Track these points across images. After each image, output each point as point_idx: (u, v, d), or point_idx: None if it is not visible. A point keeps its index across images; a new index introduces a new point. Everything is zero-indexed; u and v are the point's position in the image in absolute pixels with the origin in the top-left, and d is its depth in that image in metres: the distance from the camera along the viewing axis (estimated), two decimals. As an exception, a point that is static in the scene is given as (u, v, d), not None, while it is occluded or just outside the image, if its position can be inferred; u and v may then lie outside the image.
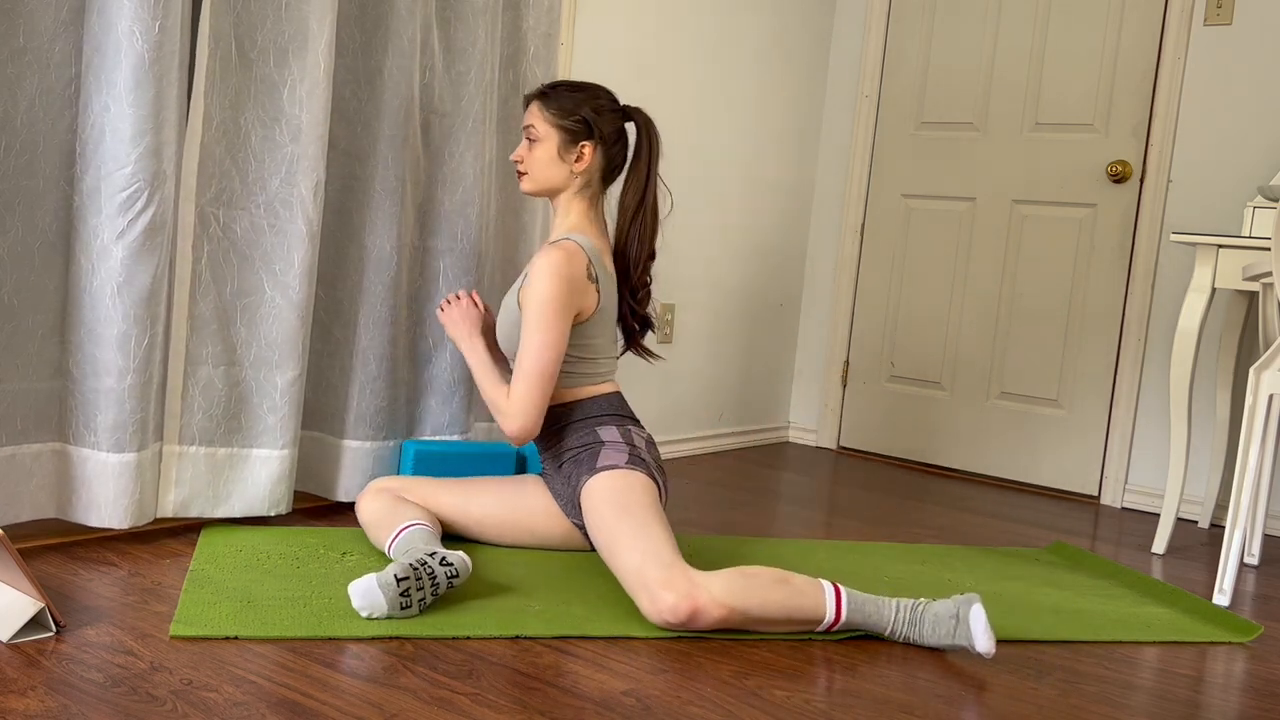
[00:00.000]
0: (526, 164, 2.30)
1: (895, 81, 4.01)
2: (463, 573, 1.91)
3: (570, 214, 2.31)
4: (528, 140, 2.29)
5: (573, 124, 2.26)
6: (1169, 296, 3.44)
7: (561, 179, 2.29)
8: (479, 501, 2.29)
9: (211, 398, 2.26)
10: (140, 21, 1.98)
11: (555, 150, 2.27)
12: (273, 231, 2.28)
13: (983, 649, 1.82)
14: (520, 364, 2.17)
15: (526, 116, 2.31)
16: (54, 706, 1.42)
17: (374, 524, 2.18)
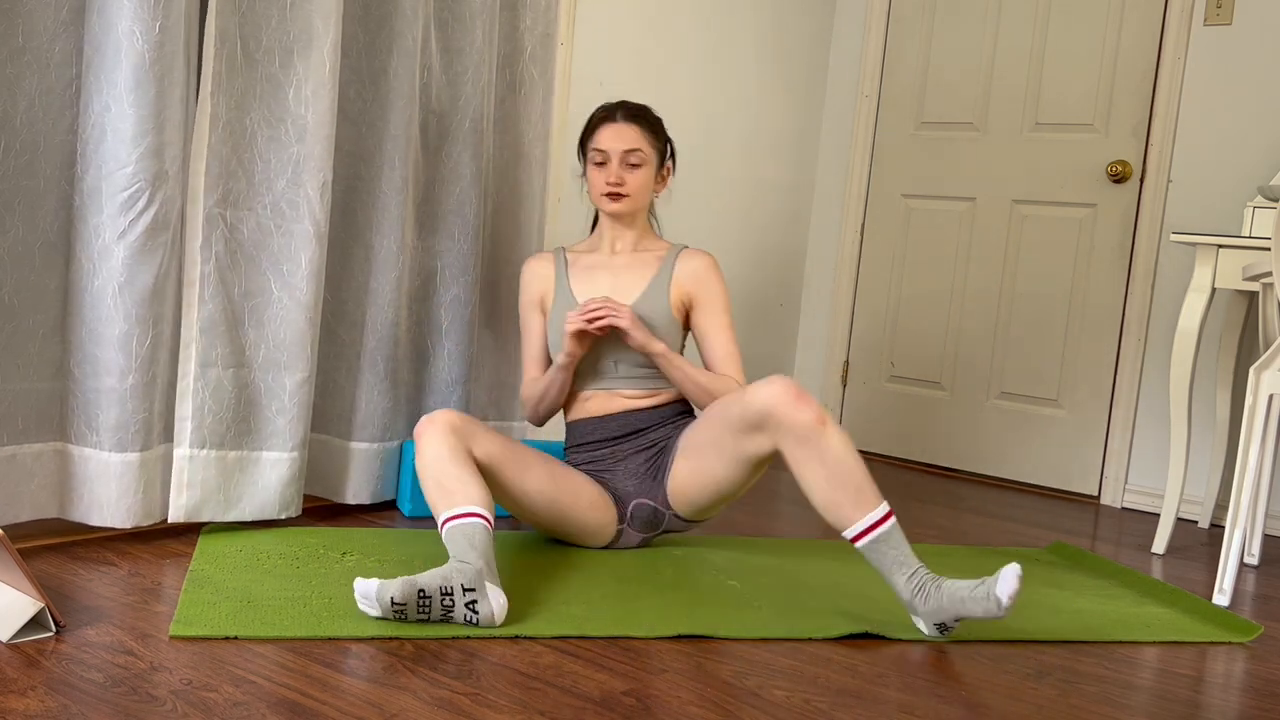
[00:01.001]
0: (629, 187, 2.37)
1: (895, 81, 4.01)
2: (485, 621, 1.80)
3: (646, 227, 2.50)
4: (628, 165, 2.36)
5: (664, 146, 2.45)
6: (1169, 296, 3.44)
7: (648, 200, 2.47)
8: (534, 475, 2.22)
9: (221, 400, 2.25)
10: (141, 21, 1.98)
11: (653, 173, 2.43)
12: (280, 232, 2.28)
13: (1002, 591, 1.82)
14: (735, 352, 2.40)
15: (623, 139, 2.36)
16: (54, 706, 1.42)
17: (434, 475, 2.02)
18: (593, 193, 2.43)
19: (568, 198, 3.19)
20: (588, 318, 2.25)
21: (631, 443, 2.36)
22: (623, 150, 2.36)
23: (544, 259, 2.51)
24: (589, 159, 2.42)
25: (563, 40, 3.03)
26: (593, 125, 2.43)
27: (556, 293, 2.44)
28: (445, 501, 1.98)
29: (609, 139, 2.37)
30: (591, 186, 2.42)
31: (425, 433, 2.08)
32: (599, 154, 2.38)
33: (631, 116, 2.39)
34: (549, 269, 2.48)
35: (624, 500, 2.34)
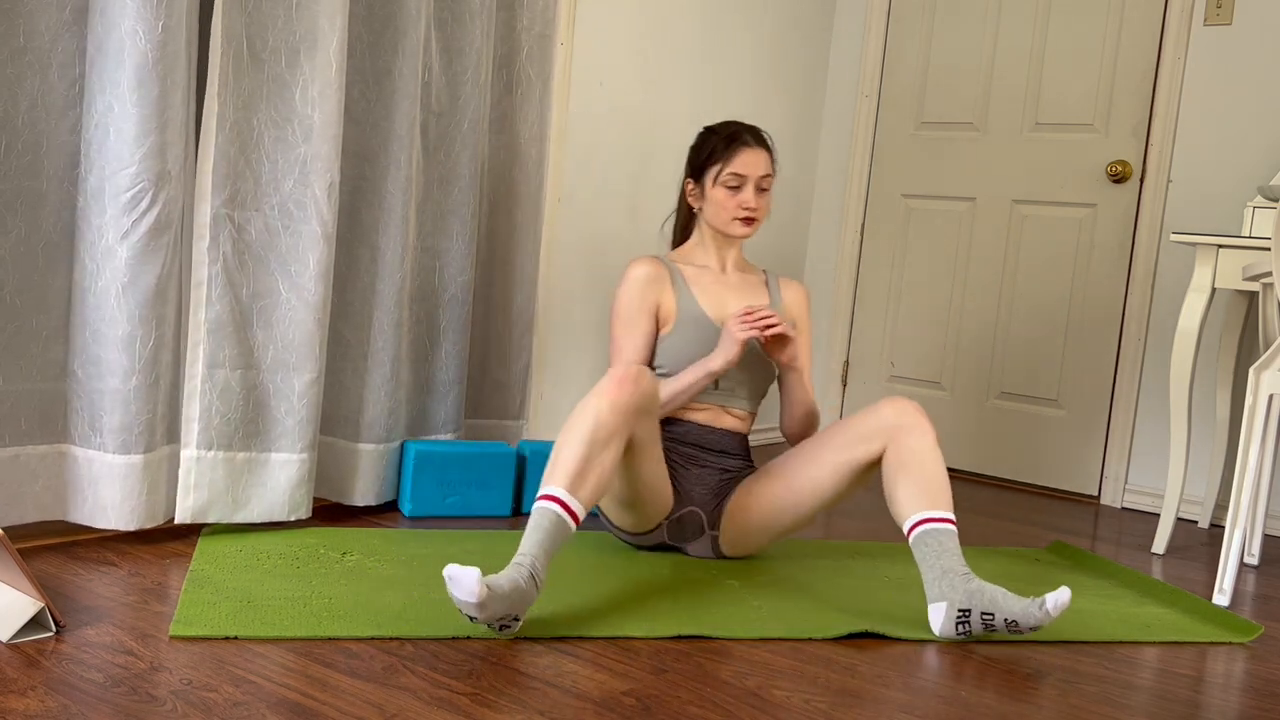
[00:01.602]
0: (761, 211, 2.40)
1: (895, 81, 4.01)
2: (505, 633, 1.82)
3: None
4: (761, 190, 2.39)
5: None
6: (1169, 296, 3.44)
7: None
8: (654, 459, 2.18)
9: (229, 401, 2.24)
10: (143, 21, 1.98)
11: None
12: (287, 233, 2.28)
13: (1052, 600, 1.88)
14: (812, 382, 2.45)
15: (758, 165, 2.37)
16: (54, 706, 1.42)
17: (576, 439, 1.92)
18: (720, 214, 2.38)
19: (568, 198, 3.19)
20: (762, 325, 2.22)
21: (719, 461, 2.36)
22: (759, 175, 2.37)
23: (657, 264, 2.40)
24: (720, 181, 2.36)
25: (562, 40, 3.03)
26: (727, 147, 2.37)
27: (680, 304, 2.37)
28: (560, 472, 1.90)
29: (748, 164, 2.36)
30: (720, 209, 2.38)
31: (612, 392, 1.96)
32: (736, 178, 2.36)
33: (761, 141, 2.40)
34: (665, 277, 2.40)
35: (682, 500, 2.34)
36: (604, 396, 1.96)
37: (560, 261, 3.19)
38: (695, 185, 2.43)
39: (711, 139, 2.41)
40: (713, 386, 2.35)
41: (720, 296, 2.42)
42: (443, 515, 2.59)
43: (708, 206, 2.41)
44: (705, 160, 2.40)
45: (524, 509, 2.72)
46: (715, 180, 2.38)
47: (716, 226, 2.41)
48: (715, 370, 2.25)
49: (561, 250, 3.19)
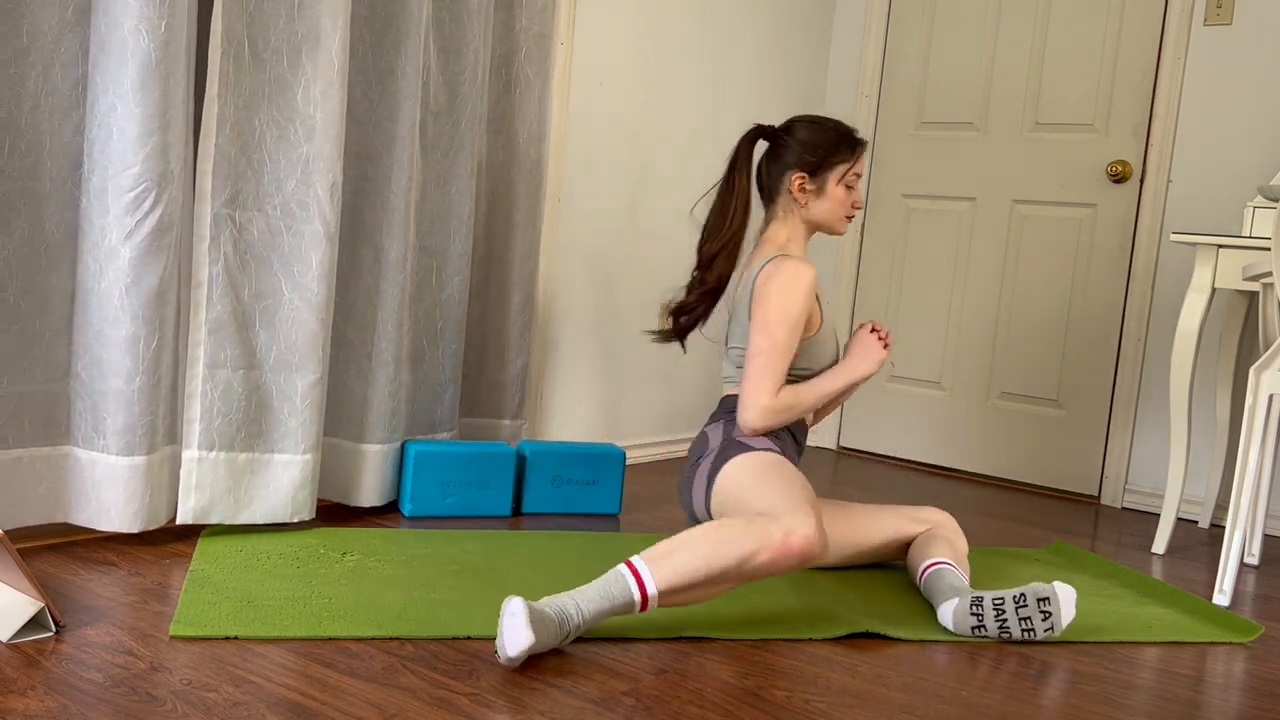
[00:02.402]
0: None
1: (895, 81, 4.01)
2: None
3: None
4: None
5: None
6: (1169, 296, 3.44)
7: None
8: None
9: (231, 402, 2.24)
10: (146, 20, 1.98)
11: None
12: (290, 233, 2.27)
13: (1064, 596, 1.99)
14: None
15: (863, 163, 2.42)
16: (54, 706, 1.42)
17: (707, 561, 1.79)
18: (836, 212, 2.36)
19: (568, 198, 3.19)
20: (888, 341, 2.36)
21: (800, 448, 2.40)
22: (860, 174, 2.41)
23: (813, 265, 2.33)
24: (844, 180, 2.35)
25: (562, 40, 3.03)
26: (853, 148, 2.35)
27: (823, 307, 2.36)
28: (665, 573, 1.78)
29: (863, 164, 2.45)
30: (838, 206, 2.36)
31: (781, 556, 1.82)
32: (856, 178, 2.37)
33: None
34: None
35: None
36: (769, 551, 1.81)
37: (559, 261, 3.19)
38: (811, 181, 2.35)
39: (834, 136, 2.35)
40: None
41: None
42: (443, 515, 2.59)
43: (823, 203, 2.35)
44: (830, 158, 2.33)
45: (524, 509, 2.72)
46: (840, 179, 2.35)
47: (826, 223, 2.37)
48: (858, 381, 2.31)
49: (560, 250, 3.19)
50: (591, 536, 2.52)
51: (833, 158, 2.33)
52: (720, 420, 2.30)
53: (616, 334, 3.43)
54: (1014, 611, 1.98)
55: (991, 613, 1.98)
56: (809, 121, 2.38)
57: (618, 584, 1.76)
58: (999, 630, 1.99)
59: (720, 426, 2.28)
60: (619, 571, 1.78)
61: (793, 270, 2.22)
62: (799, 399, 2.24)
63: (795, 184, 2.34)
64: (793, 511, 1.87)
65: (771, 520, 1.84)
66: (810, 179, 2.34)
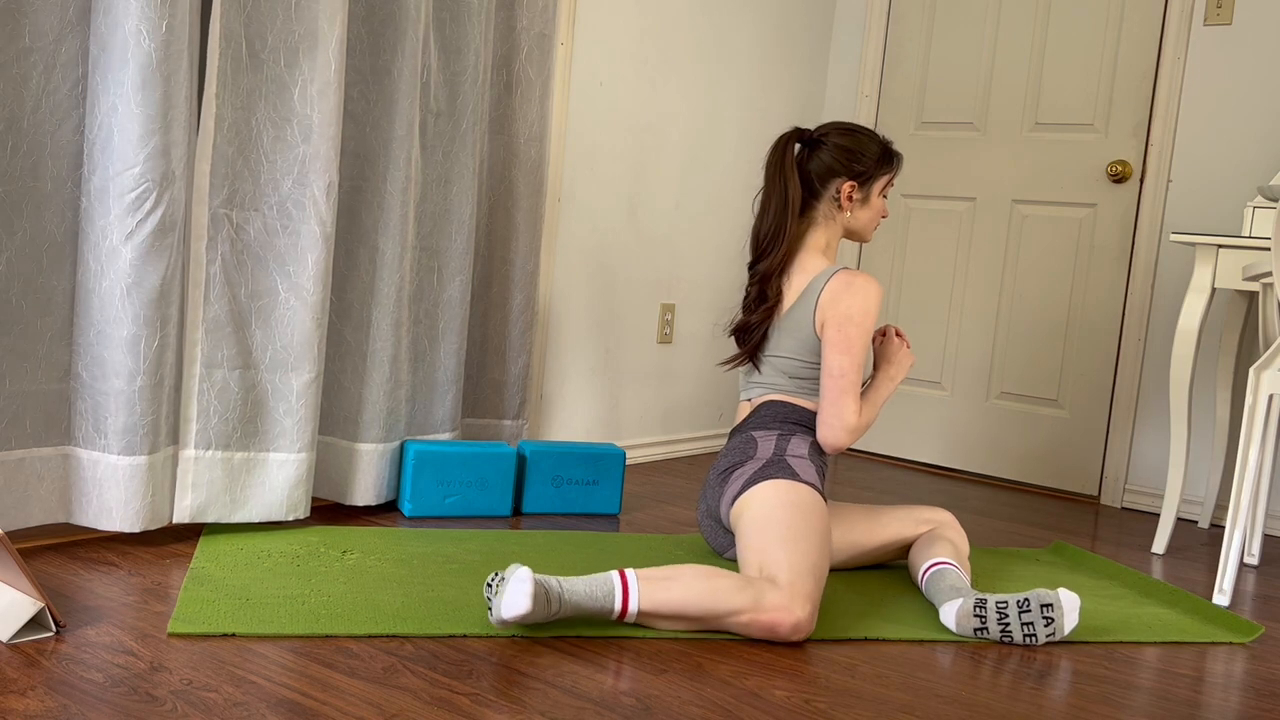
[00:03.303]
0: None
1: (895, 81, 4.01)
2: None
3: None
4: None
5: None
6: (1169, 296, 3.44)
7: None
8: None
9: (227, 401, 2.25)
10: (147, 21, 1.98)
11: None
12: (286, 233, 2.28)
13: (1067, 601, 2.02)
14: None
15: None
16: (54, 706, 1.42)
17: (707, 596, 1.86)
18: (873, 221, 2.39)
19: (568, 198, 3.19)
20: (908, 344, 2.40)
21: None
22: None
23: None
24: (876, 189, 2.36)
25: (562, 40, 3.03)
26: (892, 160, 2.37)
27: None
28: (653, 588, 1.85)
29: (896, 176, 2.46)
30: (876, 215, 2.38)
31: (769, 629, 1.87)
32: (891, 187, 2.41)
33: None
34: None
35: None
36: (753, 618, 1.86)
37: (560, 261, 3.19)
38: (860, 190, 2.35)
39: (879, 147, 2.36)
40: None
41: None
42: (443, 515, 2.59)
43: (865, 212, 2.36)
44: (877, 168, 2.35)
45: (524, 509, 2.72)
46: (882, 189, 2.38)
47: (862, 231, 2.40)
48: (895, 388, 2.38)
49: (561, 250, 3.19)
50: (591, 536, 2.52)
51: (879, 168, 2.36)
52: (774, 430, 2.25)
53: (617, 334, 3.43)
54: (1017, 615, 1.98)
55: (994, 615, 1.98)
56: (847, 129, 2.37)
57: (604, 588, 1.83)
58: (1001, 633, 1.99)
59: (774, 438, 2.23)
60: (609, 577, 1.84)
61: (866, 287, 2.23)
62: (872, 415, 2.28)
63: (845, 191, 2.33)
64: (794, 591, 1.88)
65: (772, 589, 1.88)
66: (859, 187, 2.35)
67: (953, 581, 2.11)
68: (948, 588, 2.10)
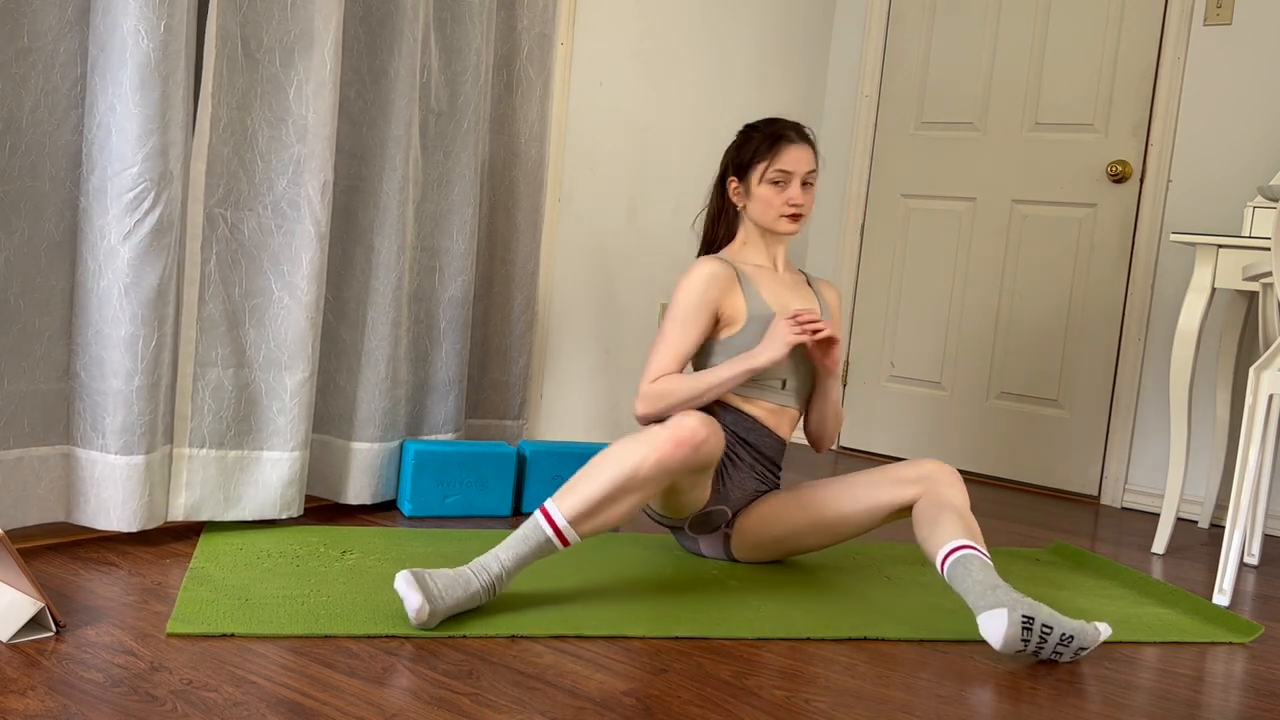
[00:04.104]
0: (806, 208, 2.38)
1: (895, 81, 4.01)
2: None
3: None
4: (804, 185, 2.36)
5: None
6: (1169, 296, 3.44)
7: None
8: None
9: (221, 400, 2.25)
10: (145, 21, 1.98)
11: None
12: (280, 232, 2.28)
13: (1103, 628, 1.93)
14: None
15: (804, 161, 2.35)
16: (54, 706, 1.42)
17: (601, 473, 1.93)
18: (768, 212, 2.35)
19: (568, 198, 3.19)
20: (813, 329, 2.22)
21: (765, 468, 2.36)
22: (805, 171, 2.34)
23: (724, 264, 2.34)
24: (765, 178, 2.34)
25: (562, 40, 3.03)
26: (772, 145, 2.35)
27: (749, 304, 2.33)
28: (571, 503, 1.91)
29: (794, 161, 2.34)
30: (768, 206, 2.35)
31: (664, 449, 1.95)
32: (783, 174, 2.34)
33: (804, 137, 2.38)
34: (732, 277, 2.34)
35: (715, 498, 2.31)
36: (655, 450, 1.94)
37: (560, 261, 3.19)
38: (740, 183, 2.39)
39: (755, 136, 2.37)
40: (780, 386, 2.35)
41: (782, 296, 2.39)
42: (443, 515, 2.59)
43: (753, 204, 2.37)
44: (750, 158, 2.36)
45: (524, 509, 2.72)
46: (761, 178, 2.35)
47: (764, 224, 2.37)
48: (757, 368, 2.23)
49: (562, 250, 3.19)
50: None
51: (754, 157, 2.37)
52: None
53: (616, 334, 3.43)
54: (1056, 642, 1.88)
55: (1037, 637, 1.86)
56: (747, 125, 2.43)
57: (531, 525, 1.92)
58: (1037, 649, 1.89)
59: None
60: (534, 515, 1.93)
61: (690, 268, 2.33)
62: (676, 386, 2.24)
63: (731, 188, 2.42)
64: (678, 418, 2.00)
65: (660, 427, 1.99)
66: (740, 182, 2.40)
67: (980, 576, 1.93)
68: (979, 585, 1.91)
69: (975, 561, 1.96)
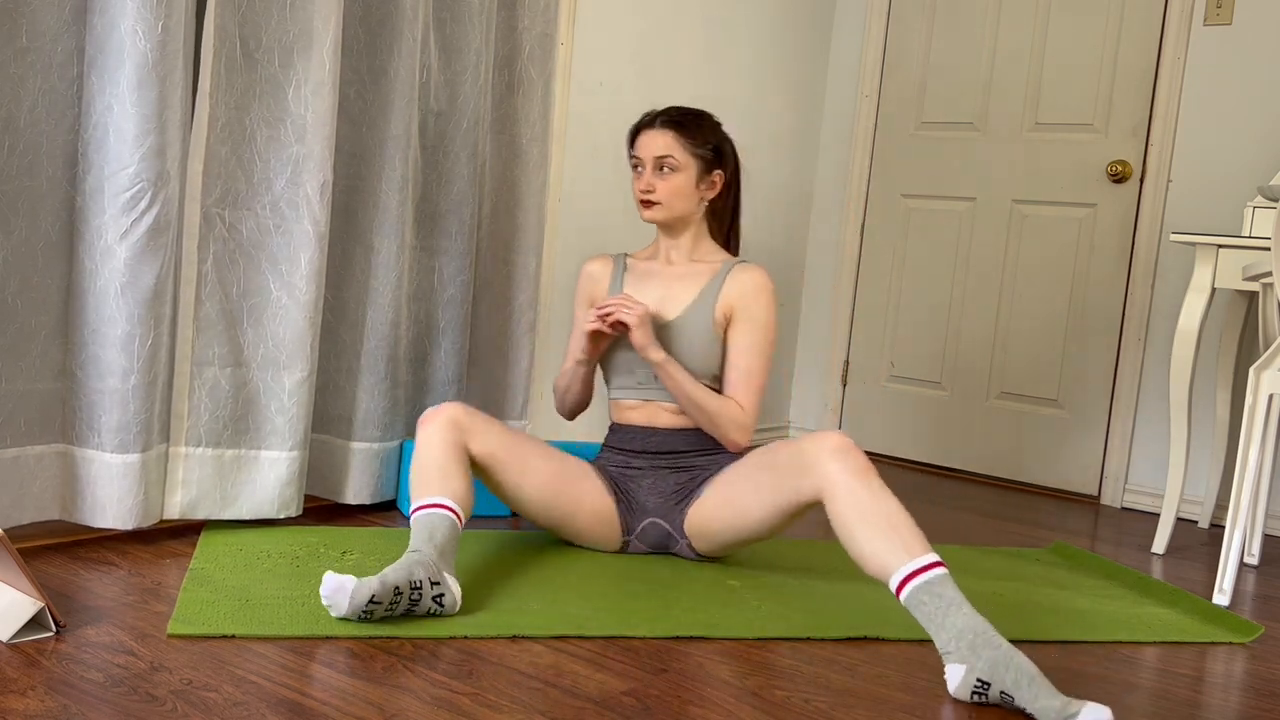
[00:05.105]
0: (661, 194, 2.32)
1: (895, 81, 4.01)
2: (447, 611, 1.86)
3: (704, 238, 2.43)
4: (659, 169, 2.31)
5: (708, 152, 2.35)
6: (1169, 296, 3.44)
7: (693, 208, 2.37)
8: (537, 476, 2.22)
9: (218, 399, 2.25)
10: (143, 21, 1.98)
11: (694, 180, 2.34)
12: (279, 232, 2.28)
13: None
14: (754, 378, 2.30)
15: (655, 145, 2.32)
16: (54, 706, 1.42)
17: (420, 465, 2.05)
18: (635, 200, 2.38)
19: (569, 198, 3.19)
20: (601, 314, 2.22)
21: (667, 461, 2.33)
22: (654, 157, 2.31)
23: (603, 261, 2.47)
24: (632, 167, 2.38)
25: (562, 40, 3.03)
26: (632, 132, 2.38)
27: (609, 295, 2.37)
28: (420, 491, 2.02)
29: (643, 146, 2.34)
30: (634, 195, 2.38)
31: (425, 424, 2.11)
32: (637, 160, 2.35)
33: (668, 122, 2.33)
34: (606, 272, 2.44)
35: (639, 514, 2.31)
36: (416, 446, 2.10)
37: (561, 261, 3.19)
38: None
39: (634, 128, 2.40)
40: (636, 384, 2.34)
41: (647, 287, 2.36)
42: (443, 515, 2.59)
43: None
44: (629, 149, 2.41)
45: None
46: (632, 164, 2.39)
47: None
48: (579, 360, 2.32)
49: (562, 250, 3.19)
50: (591, 536, 2.51)
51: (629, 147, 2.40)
52: None
53: (616, 334, 3.42)
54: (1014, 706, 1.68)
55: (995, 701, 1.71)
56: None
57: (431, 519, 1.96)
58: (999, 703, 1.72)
59: None
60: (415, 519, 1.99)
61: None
62: (558, 379, 2.44)
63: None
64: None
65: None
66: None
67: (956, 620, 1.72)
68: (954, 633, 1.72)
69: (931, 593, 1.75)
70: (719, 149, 2.37)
